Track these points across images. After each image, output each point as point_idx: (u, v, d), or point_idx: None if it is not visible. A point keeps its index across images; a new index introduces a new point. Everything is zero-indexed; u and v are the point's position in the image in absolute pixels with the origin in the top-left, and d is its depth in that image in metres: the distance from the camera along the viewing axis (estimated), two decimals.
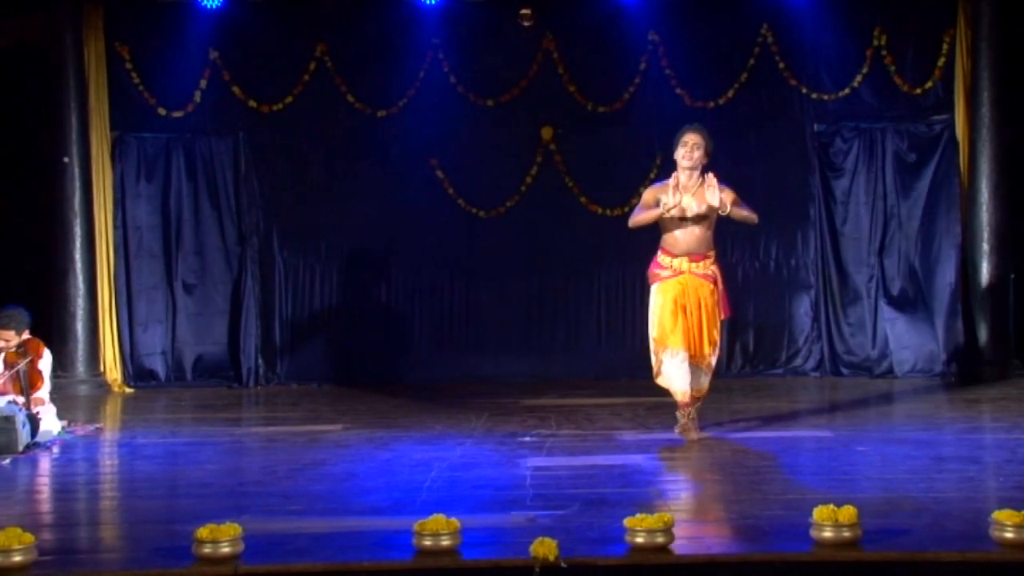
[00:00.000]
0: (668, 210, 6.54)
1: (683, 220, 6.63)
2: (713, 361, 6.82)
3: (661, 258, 6.81)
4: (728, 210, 6.51)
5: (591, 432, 7.23)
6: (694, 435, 6.76)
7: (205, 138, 10.20)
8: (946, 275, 9.89)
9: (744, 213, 6.66)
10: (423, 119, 10.14)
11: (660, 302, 6.72)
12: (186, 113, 10.11)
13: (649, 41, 10.20)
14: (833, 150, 10.22)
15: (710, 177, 6.57)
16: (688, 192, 6.64)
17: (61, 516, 5.33)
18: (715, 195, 6.50)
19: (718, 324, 6.79)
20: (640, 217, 6.79)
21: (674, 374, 6.71)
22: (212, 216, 10.22)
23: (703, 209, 6.59)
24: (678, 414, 6.87)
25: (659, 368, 6.78)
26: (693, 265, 6.70)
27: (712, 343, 6.74)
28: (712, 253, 6.78)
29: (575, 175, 10.30)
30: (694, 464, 6.16)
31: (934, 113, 10.05)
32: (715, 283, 6.74)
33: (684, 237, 6.67)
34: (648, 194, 6.79)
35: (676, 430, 6.85)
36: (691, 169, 6.67)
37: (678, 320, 6.62)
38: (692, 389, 6.73)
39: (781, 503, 5.16)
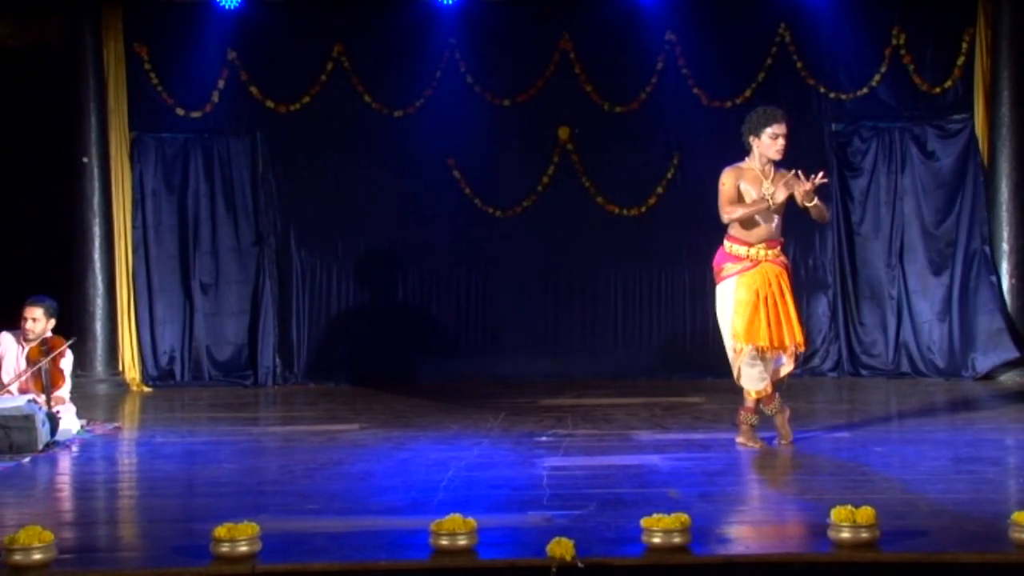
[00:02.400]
0: (773, 202, 6.25)
1: (764, 209, 6.35)
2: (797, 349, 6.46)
3: (735, 249, 6.40)
4: (814, 201, 6.27)
5: (608, 432, 7.23)
6: (757, 445, 6.42)
7: (223, 138, 10.25)
8: (967, 275, 9.83)
9: (823, 212, 6.39)
10: (440, 119, 10.16)
11: (741, 298, 6.32)
12: (204, 113, 10.17)
13: (666, 41, 10.19)
14: (851, 150, 10.20)
15: (791, 177, 6.30)
16: (767, 179, 6.37)
17: (80, 514, 5.36)
18: (812, 198, 6.26)
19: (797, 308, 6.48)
20: (743, 211, 6.31)
21: (753, 374, 6.36)
22: (229, 216, 10.27)
23: (784, 198, 6.32)
24: (742, 417, 6.48)
25: (739, 368, 6.41)
26: (770, 252, 6.38)
27: (801, 332, 6.41)
28: (783, 240, 6.50)
29: (592, 175, 10.30)
30: (711, 464, 6.14)
31: (953, 112, 10.00)
32: (786, 269, 6.48)
33: (763, 224, 6.35)
34: (730, 182, 6.35)
35: (742, 439, 6.48)
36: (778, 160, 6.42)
37: (761, 313, 6.27)
38: (773, 380, 6.43)
39: (799, 503, 5.15)
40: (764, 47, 10.13)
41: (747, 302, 6.31)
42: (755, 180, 6.37)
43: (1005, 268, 9.69)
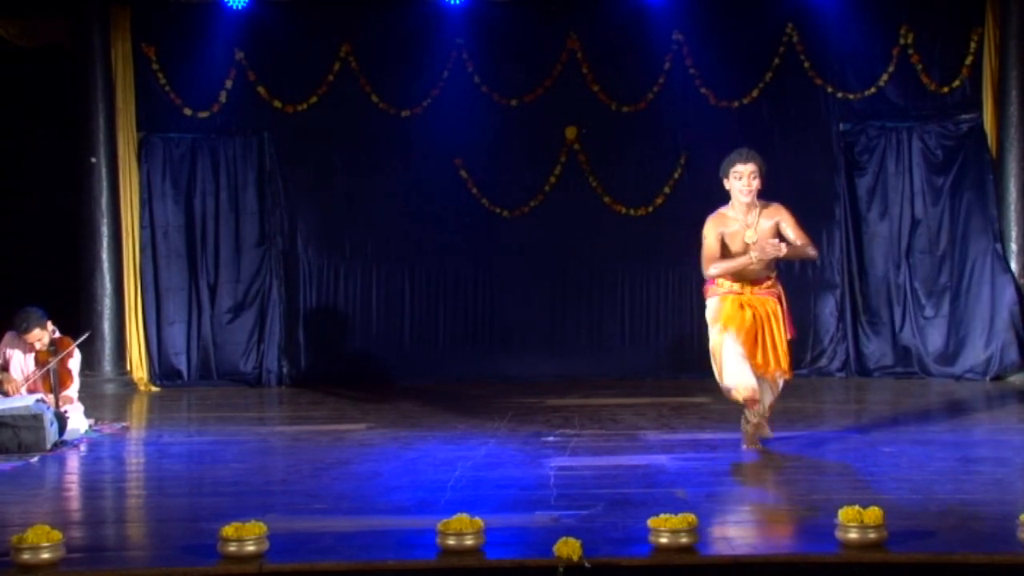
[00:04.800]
0: (756, 259, 6.04)
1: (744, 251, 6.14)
2: (780, 381, 6.28)
3: (719, 281, 6.27)
4: (783, 253, 6.02)
5: (615, 432, 7.22)
6: (759, 444, 6.32)
7: (230, 138, 10.26)
8: (975, 275, 9.80)
9: (803, 253, 6.21)
10: (447, 119, 10.17)
11: (720, 303, 6.19)
12: (211, 113, 10.19)
13: (673, 41, 10.19)
14: (858, 149, 10.18)
15: (774, 245, 6.01)
16: (750, 228, 6.14)
17: (88, 514, 5.38)
18: (777, 253, 6.02)
19: (786, 344, 6.19)
20: (727, 267, 6.14)
21: (737, 370, 6.06)
22: (236, 216, 10.28)
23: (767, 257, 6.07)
24: (747, 414, 6.29)
25: (722, 369, 6.15)
26: (755, 288, 6.20)
27: (786, 359, 6.16)
28: (773, 275, 6.28)
29: (599, 175, 10.30)
30: (718, 464, 6.13)
31: (961, 112, 9.98)
32: (779, 300, 6.24)
33: (745, 270, 6.18)
34: (712, 234, 6.16)
35: (745, 444, 6.33)
36: (749, 203, 6.16)
37: (745, 318, 6.06)
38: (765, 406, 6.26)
39: (806, 504, 5.14)
40: (772, 47, 10.12)
41: (725, 304, 6.17)
42: (737, 229, 6.16)
43: (1014, 267, 9.66)
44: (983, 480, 5.57)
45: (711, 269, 6.18)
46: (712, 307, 6.30)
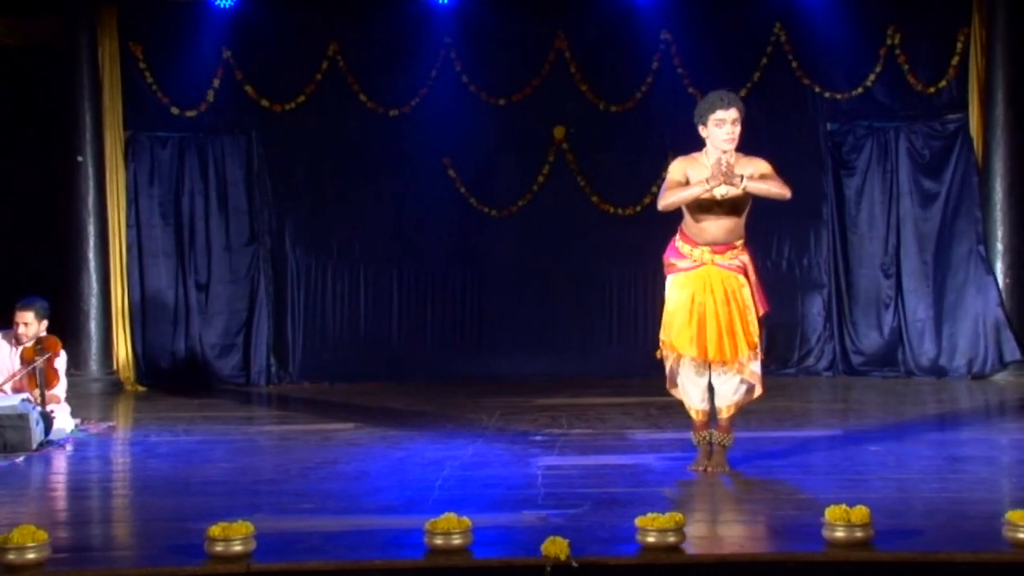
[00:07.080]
0: (710, 189, 5.38)
1: (713, 207, 5.52)
2: (755, 368, 5.65)
3: (680, 245, 5.72)
4: (741, 185, 5.39)
5: (603, 431, 7.23)
6: (711, 469, 5.71)
7: (218, 137, 10.24)
8: (962, 274, 9.84)
9: (768, 188, 5.48)
10: (435, 118, 10.17)
11: (675, 297, 5.70)
12: (199, 112, 10.16)
13: (661, 40, 10.21)
14: (846, 149, 10.21)
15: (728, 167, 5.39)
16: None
17: (75, 514, 5.36)
18: (731, 180, 5.38)
19: (755, 322, 5.64)
20: (676, 197, 5.50)
21: (688, 387, 5.77)
22: (224, 215, 10.27)
23: (735, 193, 5.46)
24: (694, 438, 5.85)
25: (672, 377, 5.86)
26: (717, 256, 5.61)
27: (751, 345, 5.61)
28: (740, 241, 5.67)
29: (587, 174, 10.31)
30: None
31: (948, 112, 10.01)
32: (745, 273, 5.67)
33: (711, 226, 5.58)
34: (676, 169, 5.56)
35: (690, 466, 5.80)
36: (730, 150, 5.51)
37: (693, 320, 5.60)
38: (724, 406, 5.71)
39: (793, 503, 5.15)
40: (759, 46, 10.14)
41: (678, 304, 5.70)
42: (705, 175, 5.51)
43: (1000, 268, 9.70)
44: (969, 479, 5.59)
45: (666, 198, 5.53)
46: (668, 299, 5.80)
